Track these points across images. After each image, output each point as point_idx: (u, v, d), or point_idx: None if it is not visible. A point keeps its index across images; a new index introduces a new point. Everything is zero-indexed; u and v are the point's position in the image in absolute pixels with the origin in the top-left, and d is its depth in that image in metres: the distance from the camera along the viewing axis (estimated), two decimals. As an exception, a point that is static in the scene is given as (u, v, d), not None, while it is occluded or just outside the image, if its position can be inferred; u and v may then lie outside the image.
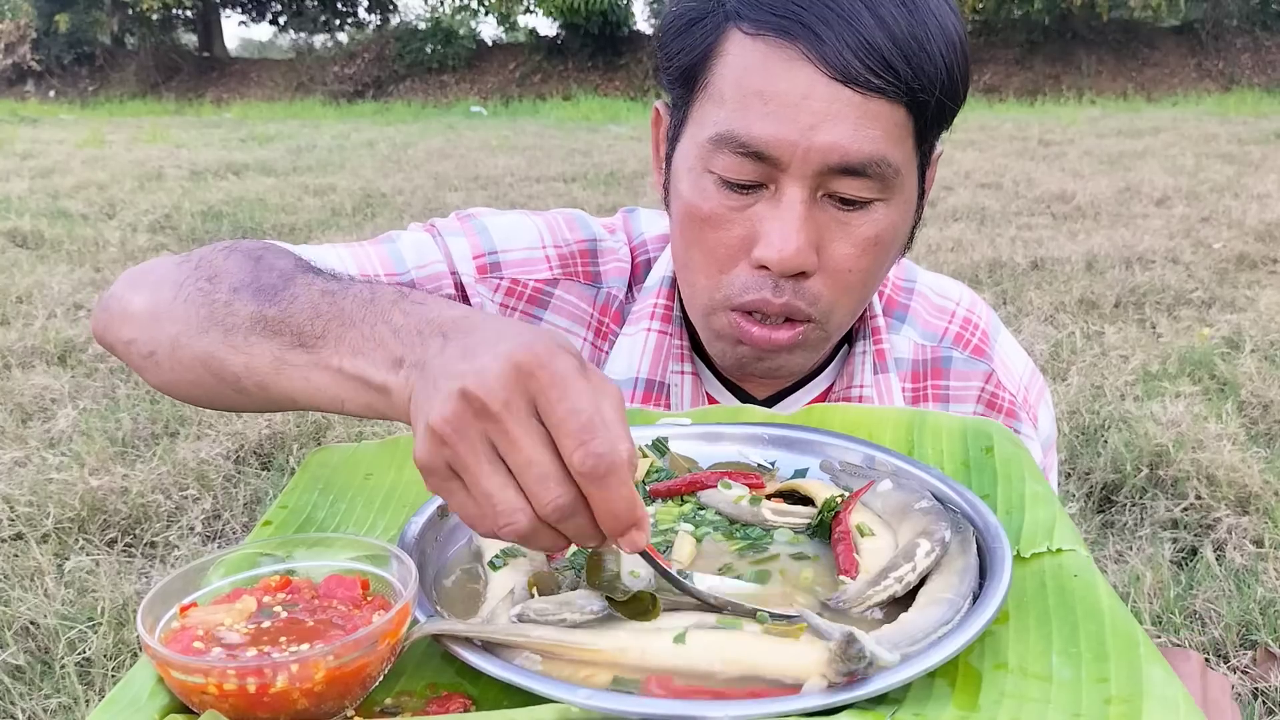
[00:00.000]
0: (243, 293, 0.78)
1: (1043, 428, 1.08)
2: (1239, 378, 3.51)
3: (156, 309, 0.83)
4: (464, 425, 0.59)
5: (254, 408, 0.82)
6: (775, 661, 0.57)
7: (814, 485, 0.78)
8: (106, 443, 3.12)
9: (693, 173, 0.89)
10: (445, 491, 0.62)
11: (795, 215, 0.85)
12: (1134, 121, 12.17)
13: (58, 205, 7.23)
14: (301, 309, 0.74)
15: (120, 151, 10.68)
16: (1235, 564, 2.40)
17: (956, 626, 0.58)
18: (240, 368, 0.77)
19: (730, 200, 0.87)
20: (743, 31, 0.85)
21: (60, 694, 2.04)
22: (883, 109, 0.83)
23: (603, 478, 0.58)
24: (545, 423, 0.59)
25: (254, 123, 14.80)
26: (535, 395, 0.59)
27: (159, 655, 0.55)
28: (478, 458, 0.60)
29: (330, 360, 0.72)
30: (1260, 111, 13.14)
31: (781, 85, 0.83)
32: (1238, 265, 5.20)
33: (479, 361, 0.60)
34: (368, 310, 0.71)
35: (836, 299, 0.90)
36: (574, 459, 0.58)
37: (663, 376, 1.01)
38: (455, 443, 0.60)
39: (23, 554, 2.51)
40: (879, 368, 1.02)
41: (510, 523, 0.59)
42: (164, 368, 0.83)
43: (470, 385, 0.59)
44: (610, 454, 0.57)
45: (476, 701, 0.57)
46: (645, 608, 0.61)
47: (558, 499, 0.59)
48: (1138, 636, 0.59)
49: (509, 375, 0.59)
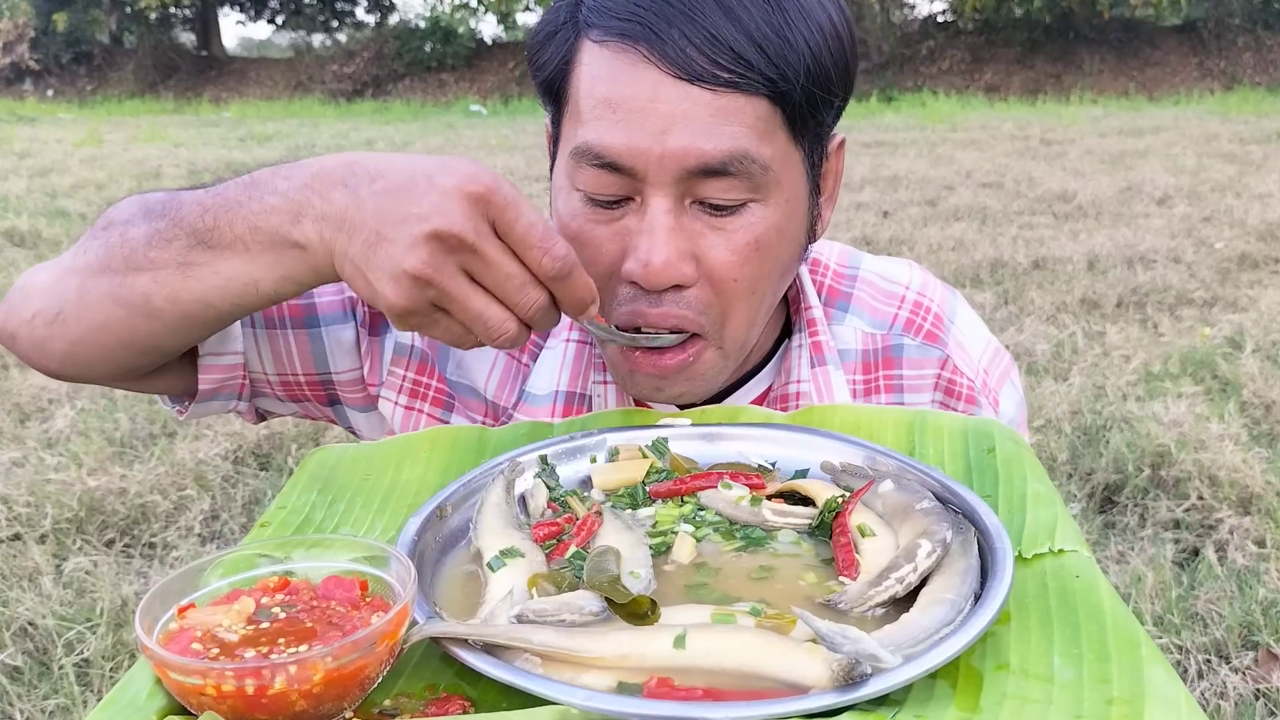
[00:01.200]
0: (134, 222, 0.82)
1: (1004, 410, 1.03)
2: (1241, 378, 3.51)
3: (57, 272, 0.87)
4: (442, 262, 0.67)
5: (169, 334, 0.83)
6: (775, 663, 0.56)
7: (815, 485, 0.78)
8: (104, 443, 3.12)
9: (563, 191, 0.87)
10: (429, 324, 0.70)
11: (662, 226, 0.81)
12: (1135, 121, 12.18)
13: (55, 204, 7.23)
14: (189, 211, 0.78)
15: (118, 151, 10.68)
16: (1237, 565, 2.40)
17: (958, 627, 0.58)
18: (148, 284, 0.80)
19: (597, 216, 0.84)
20: (592, 40, 0.82)
21: (58, 695, 2.04)
22: (738, 104, 0.79)
23: (568, 275, 0.70)
24: (505, 239, 0.68)
25: (252, 122, 14.80)
26: (494, 219, 0.68)
27: (157, 656, 0.55)
28: (461, 286, 0.68)
29: (232, 245, 0.76)
30: (1262, 111, 13.14)
31: (628, 91, 0.80)
32: (1239, 265, 5.19)
33: (431, 201, 0.67)
34: (250, 190, 0.76)
35: (725, 309, 0.85)
36: (543, 265, 0.69)
37: (584, 388, 0.98)
38: (439, 279, 0.67)
39: (21, 554, 2.51)
40: (816, 361, 0.98)
41: (503, 332, 0.70)
42: (70, 322, 0.84)
43: (439, 225, 0.66)
44: (569, 254, 0.70)
45: (475, 703, 0.57)
46: (645, 610, 0.61)
47: (537, 300, 0.70)
48: (1139, 637, 0.59)
49: (470, 207, 0.67)
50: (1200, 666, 2.06)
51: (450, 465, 0.83)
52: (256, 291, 0.77)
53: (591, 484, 0.81)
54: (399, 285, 0.68)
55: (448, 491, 0.76)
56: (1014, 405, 1.06)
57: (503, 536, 0.71)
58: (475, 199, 0.67)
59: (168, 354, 0.89)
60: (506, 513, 0.74)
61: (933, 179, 8.01)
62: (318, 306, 1.00)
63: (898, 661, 0.55)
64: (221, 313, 0.81)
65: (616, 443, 0.84)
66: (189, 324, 0.82)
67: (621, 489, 0.80)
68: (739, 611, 0.62)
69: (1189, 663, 2.07)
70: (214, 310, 0.80)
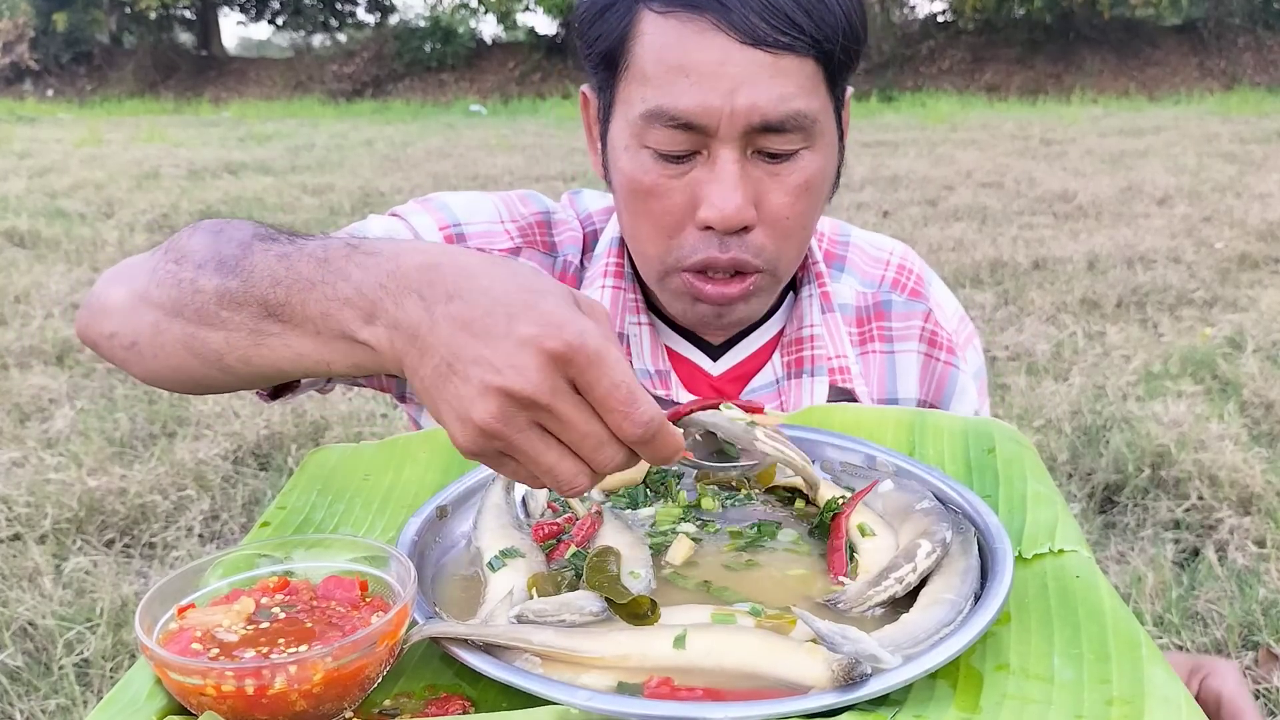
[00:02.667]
0: (206, 268, 0.79)
1: (972, 362, 1.15)
2: (1241, 378, 3.51)
3: (133, 298, 0.84)
4: (512, 417, 0.62)
5: (242, 385, 0.82)
6: (775, 663, 0.56)
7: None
8: (104, 443, 3.12)
9: (629, 150, 0.95)
10: (497, 466, 0.66)
11: (731, 175, 0.91)
12: (1136, 120, 12.18)
13: (55, 205, 7.23)
14: (261, 278, 0.75)
15: (118, 151, 10.68)
16: (1237, 565, 2.40)
17: (958, 627, 0.58)
18: (220, 344, 0.77)
19: (668, 170, 0.93)
20: (654, 11, 0.90)
21: (58, 695, 2.04)
22: (793, 64, 0.89)
23: (653, 438, 0.63)
24: (587, 398, 0.62)
25: (252, 122, 14.80)
26: (574, 377, 0.62)
27: (157, 656, 0.55)
28: (532, 441, 0.63)
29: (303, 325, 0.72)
30: (1262, 111, 13.14)
31: (698, 56, 0.88)
32: (1240, 265, 5.19)
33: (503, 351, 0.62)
34: (324, 271, 0.71)
35: (780, 246, 0.96)
36: (624, 430, 0.63)
37: (621, 328, 1.07)
38: (506, 435, 0.62)
39: (21, 554, 2.51)
40: (825, 308, 1.09)
41: (574, 486, 0.64)
42: (147, 356, 0.84)
43: (511, 384, 0.61)
44: (654, 417, 0.63)
45: (475, 703, 0.57)
46: (645, 610, 0.61)
47: (614, 459, 0.64)
48: (1140, 637, 0.59)
49: (547, 366, 0.61)
50: (1200, 666, 2.06)
51: (450, 465, 0.83)
52: (329, 370, 0.74)
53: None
54: (465, 429, 0.63)
55: (448, 491, 0.76)
56: (978, 366, 1.16)
57: (503, 536, 0.71)
58: (554, 358, 0.61)
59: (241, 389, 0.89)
60: (506, 513, 0.75)
61: (933, 179, 8.01)
62: None
63: (897, 661, 0.55)
64: (292, 377, 0.79)
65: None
66: (264, 380, 0.81)
67: (621, 489, 0.80)
68: (739, 612, 0.62)
69: (1189, 663, 2.07)
70: (287, 375, 0.78)
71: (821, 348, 1.07)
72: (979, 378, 1.16)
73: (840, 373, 1.07)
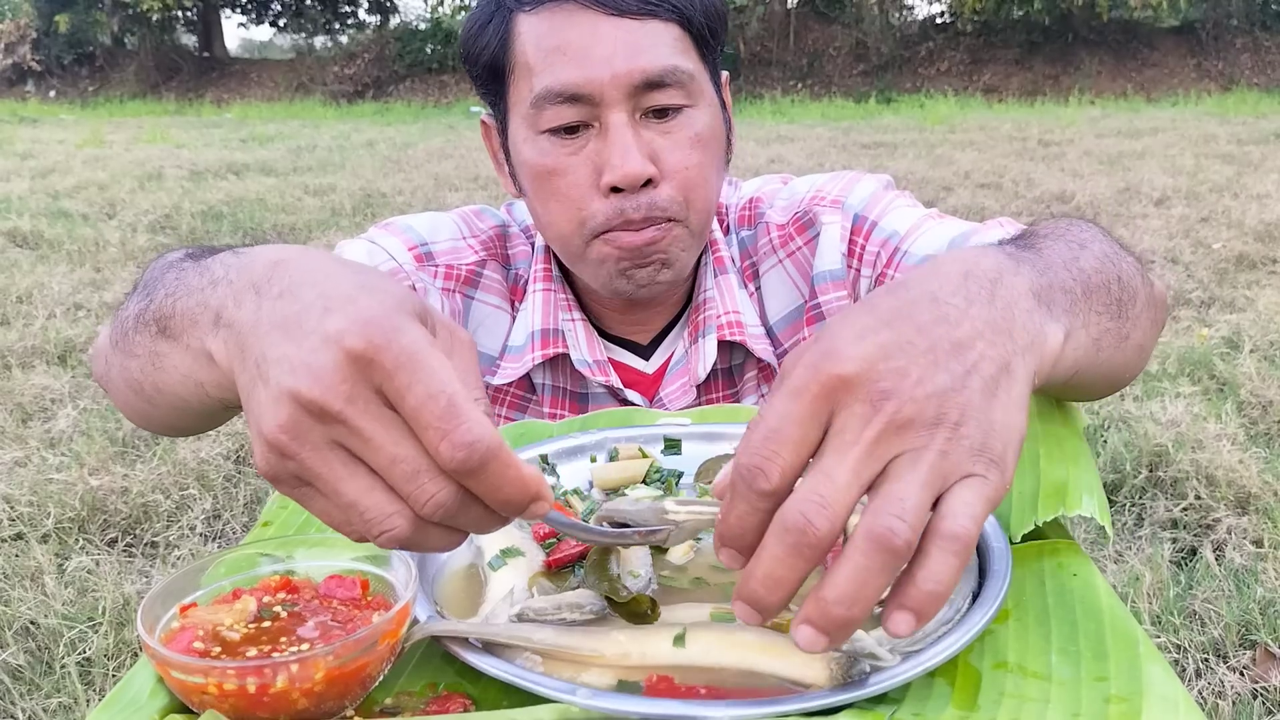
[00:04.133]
0: (134, 295, 0.74)
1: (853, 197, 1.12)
2: (1238, 378, 3.51)
3: (105, 338, 0.82)
4: (303, 431, 0.50)
5: (178, 421, 0.78)
6: (775, 661, 0.57)
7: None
8: (106, 442, 3.12)
9: (528, 141, 1.01)
10: (302, 500, 0.53)
11: (625, 136, 0.97)
12: (1133, 122, 12.17)
13: (58, 205, 7.23)
14: (160, 293, 0.68)
15: (120, 152, 10.68)
16: (1234, 564, 2.40)
17: (956, 625, 0.59)
18: (138, 372, 0.72)
19: (566, 147, 0.99)
20: (525, 12, 0.99)
21: (60, 694, 2.04)
22: (659, 28, 0.98)
23: (478, 469, 0.49)
24: (400, 412, 0.50)
25: (254, 123, 14.80)
26: (382, 384, 0.50)
27: (159, 655, 0.55)
28: (329, 464, 0.51)
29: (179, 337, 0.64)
30: (1260, 112, 13.14)
31: (572, 35, 0.96)
32: (1237, 265, 5.19)
33: (305, 349, 0.50)
34: (202, 274, 0.63)
35: (687, 197, 1.01)
36: (442, 453, 0.49)
37: (555, 324, 1.13)
38: (297, 453, 0.51)
39: (23, 554, 2.51)
40: (718, 271, 1.14)
41: (387, 529, 0.51)
42: (114, 395, 0.85)
43: (301, 387, 0.49)
44: (481, 438, 0.49)
45: (476, 701, 0.57)
46: (645, 609, 0.61)
47: (437, 496, 0.50)
48: (1137, 636, 0.59)
49: (344, 367, 0.49)
50: (1198, 665, 2.06)
51: (451, 465, 0.83)
52: (206, 394, 0.65)
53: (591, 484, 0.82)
54: (258, 445, 0.52)
55: (448, 491, 0.76)
56: (865, 189, 1.13)
57: (503, 536, 0.71)
58: (354, 358, 0.49)
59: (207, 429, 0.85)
60: (507, 512, 0.75)
61: (931, 180, 8.01)
62: None
63: (896, 660, 0.55)
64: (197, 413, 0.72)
65: (616, 443, 0.85)
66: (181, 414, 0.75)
67: (621, 489, 0.80)
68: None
69: (1187, 661, 2.07)
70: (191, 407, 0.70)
71: (713, 309, 1.12)
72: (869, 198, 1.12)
73: (729, 327, 1.11)
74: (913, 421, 0.51)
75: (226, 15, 25.38)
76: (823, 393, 0.51)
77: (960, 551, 0.50)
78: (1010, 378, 0.54)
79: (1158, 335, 0.84)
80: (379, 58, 22.40)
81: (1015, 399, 0.54)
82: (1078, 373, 0.67)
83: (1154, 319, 0.80)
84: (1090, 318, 0.66)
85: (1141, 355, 0.79)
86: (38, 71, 22.56)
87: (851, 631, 0.51)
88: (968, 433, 0.51)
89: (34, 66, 22.48)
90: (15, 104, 18.88)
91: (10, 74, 22.45)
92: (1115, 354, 0.71)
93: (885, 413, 0.50)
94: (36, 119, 15.48)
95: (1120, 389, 0.84)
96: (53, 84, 22.46)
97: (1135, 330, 0.73)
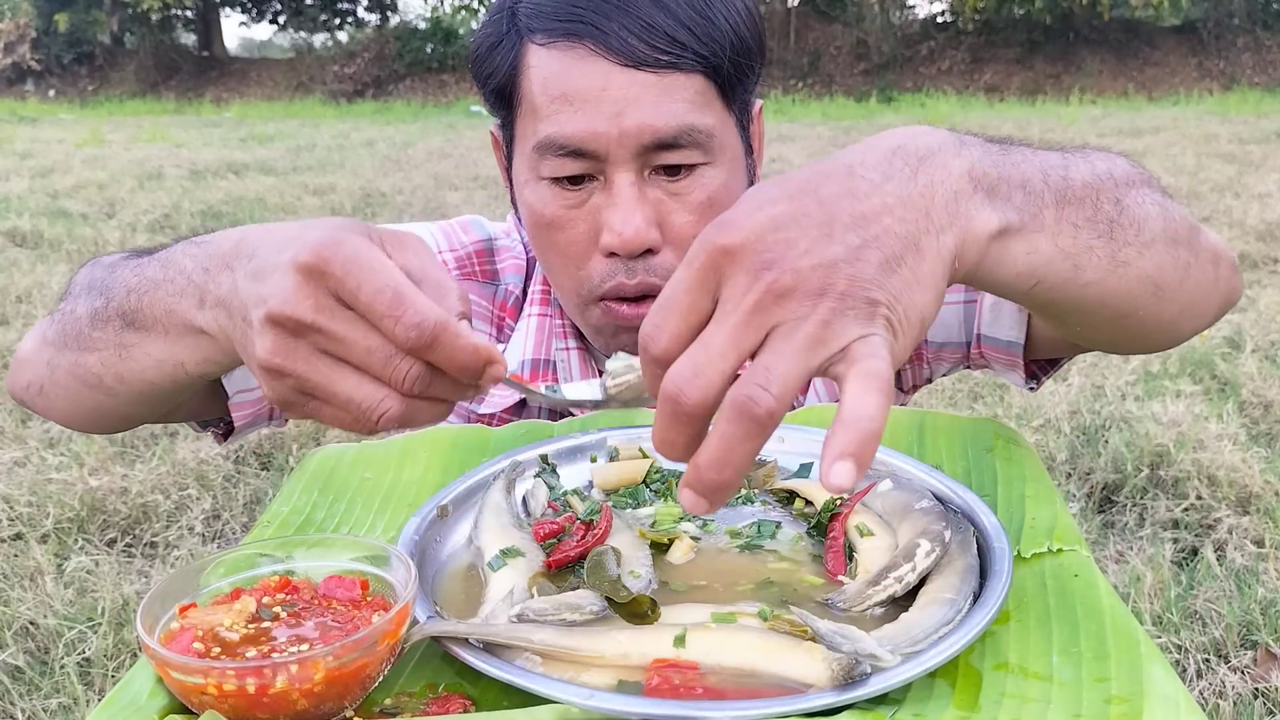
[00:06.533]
0: (82, 296, 0.82)
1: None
2: (1240, 377, 3.51)
3: (37, 344, 0.88)
4: (289, 348, 0.60)
5: (134, 408, 0.84)
6: (775, 662, 0.56)
7: (813, 486, 0.78)
8: (106, 442, 3.12)
9: (529, 184, 0.94)
10: (311, 414, 0.63)
11: (629, 198, 0.89)
12: (1135, 121, 12.17)
13: (57, 205, 7.23)
14: (119, 291, 0.76)
15: (120, 151, 10.68)
16: (1236, 564, 2.40)
17: (957, 626, 0.58)
18: (97, 365, 0.79)
19: (567, 199, 0.92)
20: (537, 44, 0.91)
21: (60, 694, 2.04)
22: (679, 81, 0.89)
23: (431, 343, 0.58)
24: (357, 311, 0.59)
25: (253, 122, 14.80)
26: (336, 290, 0.59)
27: (158, 656, 0.55)
28: (319, 370, 0.60)
29: (153, 327, 0.73)
30: (1261, 111, 13.13)
31: (581, 84, 0.88)
32: (1238, 265, 5.19)
33: (271, 283, 0.60)
34: (165, 269, 0.73)
35: None
36: (397, 337, 0.58)
37: (548, 354, 1.06)
38: (291, 369, 0.60)
39: (22, 554, 2.51)
40: None
41: (384, 411, 0.61)
42: (51, 397, 0.87)
43: (274, 308, 0.59)
44: (427, 318, 0.58)
45: (476, 702, 0.57)
46: (645, 610, 0.61)
47: (410, 371, 0.60)
48: (1138, 636, 0.59)
49: (303, 284, 0.59)
50: (1199, 665, 2.06)
51: (450, 465, 0.83)
52: (186, 372, 0.75)
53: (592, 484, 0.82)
54: (260, 377, 0.62)
55: (448, 491, 0.76)
56: None
57: (503, 536, 0.71)
58: (309, 272, 0.59)
59: (153, 421, 0.91)
60: (507, 512, 0.75)
61: (933, 179, 7.99)
62: None
63: (897, 660, 0.55)
64: (166, 390, 0.79)
65: (616, 443, 0.84)
66: (144, 400, 0.82)
67: (621, 489, 0.80)
68: (741, 613, 0.62)
69: (1188, 662, 2.07)
70: (158, 389, 0.79)
71: None
72: None
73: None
74: (793, 291, 0.52)
75: (226, 14, 25.39)
76: (709, 262, 0.53)
77: (877, 385, 0.50)
78: (918, 255, 0.55)
79: (1202, 286, 0.78)
80: (379, 57, 22.40)
81: (921, 277, 0.55)
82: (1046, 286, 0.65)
83: (1184, 262, 0.73)
84: (1063, 228, 0.63)
85: (1159, 295, 0.72)
86: (37, 71, 22.56)
87: (726, 497, 0.53)
88: (854, 303, 0.52)
89: (33, 66, 22.48)
90: (14, 103, 18.88)
91: (9, 73, 22.45)
92: (1110, 280, 0.67)
93: (764, 281, 0.52)
94: (36, 118, 15.47)
95: (1143, 332, 0.77)
96: (52, 83, 22.46)
97: (1141, 261, 0.68)
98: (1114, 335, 0.80)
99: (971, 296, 1.03)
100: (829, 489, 0.49)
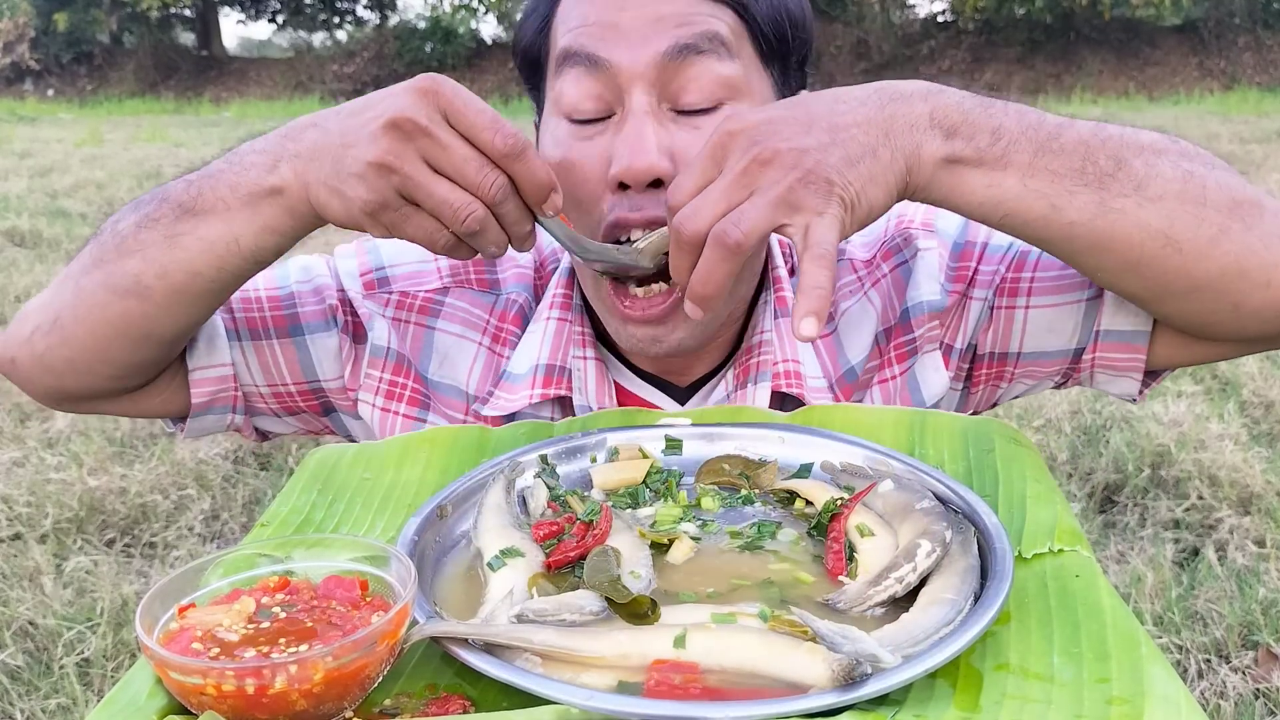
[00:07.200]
0: (125, 216, 0.89)
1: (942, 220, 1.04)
2: (1241, 378, 3.51)
3: (54, 287, 0.93)
4: (402, 148, 0.73)
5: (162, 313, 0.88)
6: (775, 662, 0.56)
7: (813, 487, 0.78)
8: (105, 443, 3.12)
9: (548, 130, 0.93)
10: (399, 221, 0.76)
11: (641, 123, 0.86)
12: (1136, 120, 12.07)
13: (56, 204, 7.23)
14: (175, 189, 0.86)
15: (119, 150, 10.68)
16: (1237, 564, 2.40)
17: (958, 627, 0.58)
18: (138, 265, 0.86)
19: (581, 134, 0.89)
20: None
21: (59, 695, 2.04)
22: (707, 6, 0.88)
23: (522, 152, 0.75)
24: (457, 127, 0.74)
25: (253, 121, 14.79)
26: (444, 109, 0.74)
27: (157, 656, 0.55)
28: (424, 171, 0.73)
29: (214, 208, 0.82)
30: (1262, 111, 13.13)
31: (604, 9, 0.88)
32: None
33: (385, 101, 0.75)
34: (231, 159, 0.84)
35: None
36: (496, 145, 0.74)
37: (563, 361, 1.00)
38: (400, 165, 0.73)
39: (21, 554, 2.51)
40: (780, 313, 1.01)
41: (470, 213, 0.74)
42: (68, 323, 0.90)
43: (394, 114, 0.73)
44: (520, 135, 0.74)
45: (476, 703, 0.57)
46: (645, 610, 0.61)
47: (496, 180, 0.74)
48: (1139, 636, 0.59)
49: (420, 98, 0.74)
50: (1200, 666, 2.06)
51: (450, 465, 0.83)
52: (239, 248, 0.83)
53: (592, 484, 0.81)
54: (365, 180, 0.74)
55: (448, 491, 0.76)
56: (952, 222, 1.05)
57: (503, 536, 0.71)
58: (424, 92, 0.74)
59: (163, 342, 0.92)
60: (506, 513, 0.75)
61: (933, 179, 8.00)
62: (300, 315, 1.03)
63: (897, 661, 0.55)
64: (209, 281, 0.86)
65: (616, 443, 0.84)
66: (179, 299, 0.87)
67: (621, 489, 0.80)
68: (742, 613, 0.62)
69: (1189, 662, 2.07)
70: (201, 279, 0.85)
71: (769, 353, 0.99)
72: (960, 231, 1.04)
73: (786, 376, 0.98)
74: (772, 162, 0.73)
75: (225, 13, 25.39)
76: (719, 142, 0.76)
77: (825, 263, 0.70)
78: (874, 160, 0.74)
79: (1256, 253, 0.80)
80: (378, 56, 22.40)
81: (875, 177, 0.74)
82: (1021, 219, 0.79)
83: (1212, 223, 0.78)
84: (1037, 172, 0.77)
85: (1176, 248, 0.79)
86: (36, 70, 22.56)
87: (715, 305, 0.76)
88: (816, 180, 0.72)
89: (32, 65, 22.47)
90: (13, 103, 18.88)
91: (8, 73, 22.45)
92: (1100, 223, 0.78)
93: (751, 154, 0.73)
94: (35, 118, 15.48)
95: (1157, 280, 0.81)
96: (51, 82, 22.47)
97: (1141, 212, 0.78)
98: (1147, 287, 0.84)
99: (1095, 293, 0.96)
100: (799, 338, 0.69)
